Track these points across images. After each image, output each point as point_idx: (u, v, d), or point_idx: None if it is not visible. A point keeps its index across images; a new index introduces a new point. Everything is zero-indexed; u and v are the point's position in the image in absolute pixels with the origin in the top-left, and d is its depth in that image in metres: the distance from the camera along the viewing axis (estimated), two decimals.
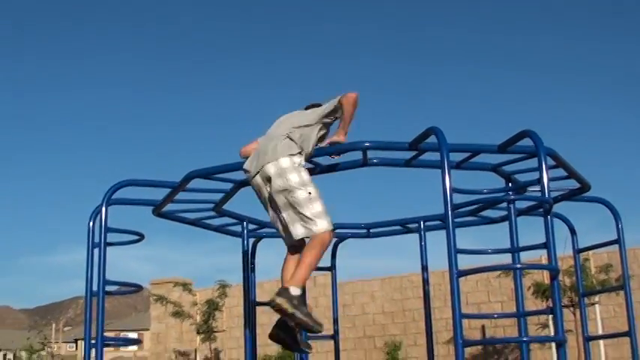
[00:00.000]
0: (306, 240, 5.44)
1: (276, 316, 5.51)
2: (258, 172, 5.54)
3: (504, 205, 6.96)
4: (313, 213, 5.30)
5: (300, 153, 5.56)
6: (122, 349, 58.84)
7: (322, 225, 5.31)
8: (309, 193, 5.35)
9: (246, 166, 5.73)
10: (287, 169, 5.40)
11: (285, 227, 5.51)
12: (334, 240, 8.42)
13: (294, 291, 5.24)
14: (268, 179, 5.46)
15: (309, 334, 6.26)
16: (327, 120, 5.79)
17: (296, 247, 5.58)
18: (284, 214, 5.44)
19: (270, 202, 5.57)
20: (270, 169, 5.44)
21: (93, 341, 6.70)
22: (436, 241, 7.81)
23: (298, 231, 5.37)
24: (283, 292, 5.24)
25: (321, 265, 8.45)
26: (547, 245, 5.14)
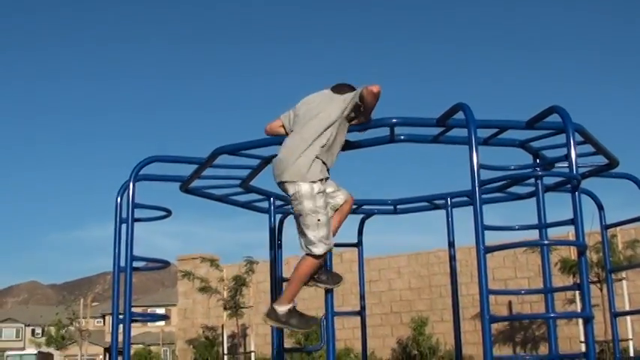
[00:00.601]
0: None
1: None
2: (279, 183, 5.76)
3: (532, 181, 6.93)
4: (316, 236, 5.61)
5: (322, 180, 5.65)
6: (150, 324, 59.33)
7: (319, 250, 5.66)
8: (319, 220, 5.60)
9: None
10: (304, 196, 5.58)
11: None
12: (361, 216, 8.44)
13: (281, 309, 5.76)
14: (286, 192, 5.72)
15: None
16: (349, 114, 5.76)
17: None
18: (296, 224, 5.78)
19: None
20: (290, 189, 5.64)
21: (120, 317, 6.75)
22: (463, 217, 7.80)
23: (301, 244, 5.75)
24: (271, 312, 5.81)
25: (347, 241, 8.51)
26: (575, 221, 5.12)
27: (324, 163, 5.64)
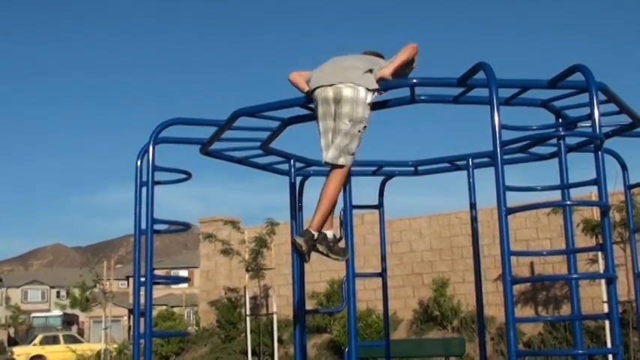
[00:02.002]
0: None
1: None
2: (331, 85, 5.65)
3: (554, 141, 6.87)
4: (348, 147, 5.61)
5: (374, 91, 5.70)
6: (173, 286, 59.83)
7: (347, 161, 5.65)
8: (359, 131, 5.60)
9: (316, 78, 5.82)
10: (360, 100, 5.59)
11: (326, 146, 5.74)
12: (382, 177, 8.42)
13: (314, 232, 5.67)
14: (338, 100, 5.61)
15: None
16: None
17: None
18: (333, 135, 5.67)
19: (326, 117, 5.71)
20: (347, 91, 5.59)
21: (142, 280, 6.79)
22: (484, 178, 7.76)
23: (329, 154, 5.65)
24: (305, 232, 5.71)
25: (368, 203, 8.50)
26: (598, 181, 5.07)
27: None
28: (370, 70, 5.74)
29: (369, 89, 5.64)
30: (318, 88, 5.75)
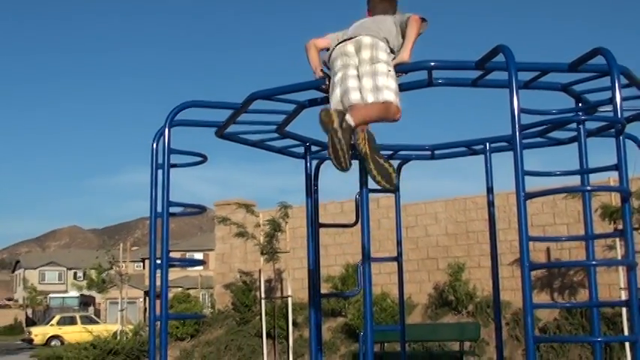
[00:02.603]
0: None
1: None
2: (351, 38, 5.71)
3: (574, 125, 6.79)
4: (385, 84, 5.49)
5: (392, 50, 5.77)
6: (188, 268, 60.06)
7: (390, 97, 5.48)
8: (389, 70, 5.57)
9: (336, 40, 5.90)
10: (381, 48, 5.63)
11: (345, 92, 5.61)
12: (398, 161, 8.37)
13: (350, 119, 5.35)
14: (359, 49, 5.66)
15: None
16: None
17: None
18: (360, 83, 5.59)
19: (344, 68, 5.69)
20: (367, 39, 5.65)
21: (158, 262, 6.79)
22: (500, 162, 7.71)
23: (369, 98, 5.51)
24: (340, 111, 5.43)
25: None
26: (618, 167, 5.01)
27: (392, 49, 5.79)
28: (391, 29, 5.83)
29: (388, 46, 5.71)
30: (336, 46, 5.82)
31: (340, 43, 5.79)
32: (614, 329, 15.31)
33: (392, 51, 5.75)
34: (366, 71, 5.58)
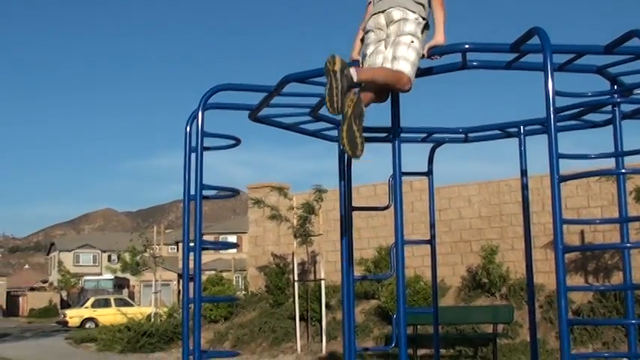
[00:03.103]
0: None
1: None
2: (383, 11, 5.84)
3: (608, 108, 6.75)
4: (404, 55, 5.61)
5: (424, 18, 5.85)
6: (221, 251, 60.32)
7: (406, 67, 5.60)
8: (412, 42, 5.67)
9: (369, 12, 6.03)
10: (409, 21, 5.73)
11: (371, 65, 5.81)
12: (432, 144, 8.36)
13: (353, 71, 5.41)
14: (389, 22, 5.80)
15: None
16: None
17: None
18: (386, 54, 5.75)
19: (377, 43, 5.86)
20: (397, 14, 5.76)
21: (192, 245, 6.84)
22: (534, 145, 7.68)
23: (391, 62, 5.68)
24: (345, 62, 5.45)
25: (418, 169, 8.46)
26: None
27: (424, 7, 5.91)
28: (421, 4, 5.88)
29: (420, 15, 5.81)
30: (369, 18, 5.94)
31: (374, 14, 5.92)
32: None
33: (423, 18, 5.86)
34: (390, 43, 5.76)
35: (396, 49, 5.64)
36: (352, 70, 5.38)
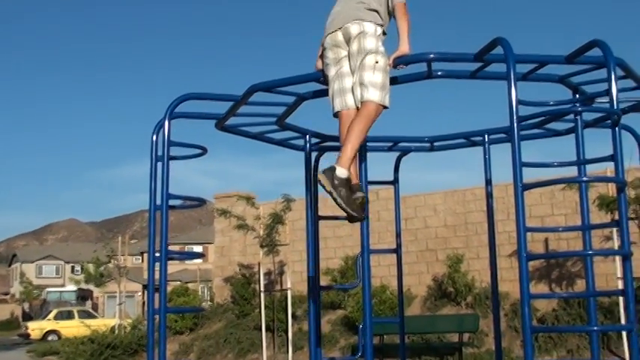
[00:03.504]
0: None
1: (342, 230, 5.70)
2: (339, 28, 5.70)
3: (571, 117, 6.84)
4: (371, 81, 5.46)
5: (382, 26, 5.74)
6: (187, 262, 60.05)
7: (374, 95, 5.45)
8: (377, 62, 5.51)
9: (326, 28, 5.86)
10: (368, 35, 5.59)
11: (341, 91, 5.73)
12: (397, 153, 8.40)
13: (340, 172, 5.28)
14: (348, 40, 5.65)
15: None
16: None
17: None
18: (353, 79, 5.63)
19: (337, 63, 5.75)
20: (354, 29, 5.62)
21: (157, 255, 6.81)
22: (499, 154, 7.75)
23: (356, 95, 5.58)
24: (328, 170, 5.32)
25: (383, 179, 8.49)
26: (614, 158, 5.05)
27: (382, 17, 5.77)
28: (375, 11, 5.74)
29: (376, 24, 5.68)
30: (327, 36, 5.80)
31: (329, 35, 5.78)
32: (612, 319, 15.39)
33: (380, 25, 5.75)
34: (355, 67, 5.60)
35: (362, 74, 5.50)
36: (339, 172, 5.27)
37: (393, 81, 6.10)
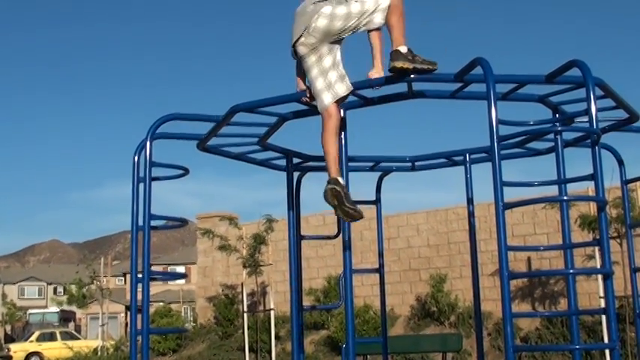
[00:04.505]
0: None
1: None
2: (302, 35, 5.63)
3: (551, 136, 6.87)
4: (323, 86, 5.59)
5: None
6: (170, 282, 59.82)
7: (326, 99, 5.56)
8: (327, 67, 5.60)
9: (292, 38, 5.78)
10: (333, 16, 5.54)
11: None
12: (379, 173, 8.41)
13: (403, 49, 5.40)
14: (318, 36, 5.60)
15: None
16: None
17: None
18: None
19: (321, 59, 5.68)
20: (320, 22, 5.53)
21: (140, 276, 6.78)
22: (481, 173, 7.77)
23: (376, 22, 5.61)
24: (398, 54, 5.40)
25: (365, 198, 8.50)
26: (594, 177, 5.08)
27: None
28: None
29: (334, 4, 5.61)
30: (295, 45, 5.72)
31: (297, 43, 5.71)
32: (595, 337, 15.43)
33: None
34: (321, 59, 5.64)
35: (316, 82, 5.62)
36: (340, 182, 5.52)
37: (373, 101, 6.12)
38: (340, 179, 5.51)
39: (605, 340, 13.57)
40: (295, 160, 7.55)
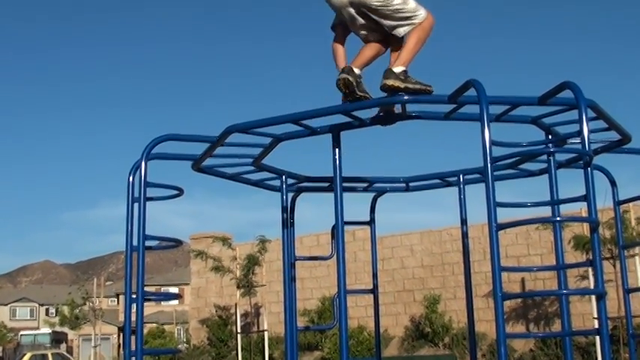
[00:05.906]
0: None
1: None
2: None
3: (544, 157, 6.91)
4: (411, 9, 5.90)
5: None
6: (163, 303, 59.58)
7: (422, 13, 5.92)
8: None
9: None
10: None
11: (370, 33, 6.08)
12: (373, 194, 8.44)
13: (397, 69, 5.68)
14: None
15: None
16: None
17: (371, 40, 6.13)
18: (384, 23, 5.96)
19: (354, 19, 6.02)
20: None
21: (133, 296, 6.76)
22: (475, 194, 7.80)
23: (401, 32, 5.96)
24: (389, 73, 5.69)
25: (359, 219, 8.51)
26: (587, 198, 5.10)
27: None
28: None
29: None
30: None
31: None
32: (589, 358, 15.43)
33: None
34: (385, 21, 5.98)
35: (401, 13, 5.88)
36: (355, 72, 5.79)
37: (369, 123, 6.16)
38: (357, 70, 5.82)
39: None
40: (290, 181, 7.57)
